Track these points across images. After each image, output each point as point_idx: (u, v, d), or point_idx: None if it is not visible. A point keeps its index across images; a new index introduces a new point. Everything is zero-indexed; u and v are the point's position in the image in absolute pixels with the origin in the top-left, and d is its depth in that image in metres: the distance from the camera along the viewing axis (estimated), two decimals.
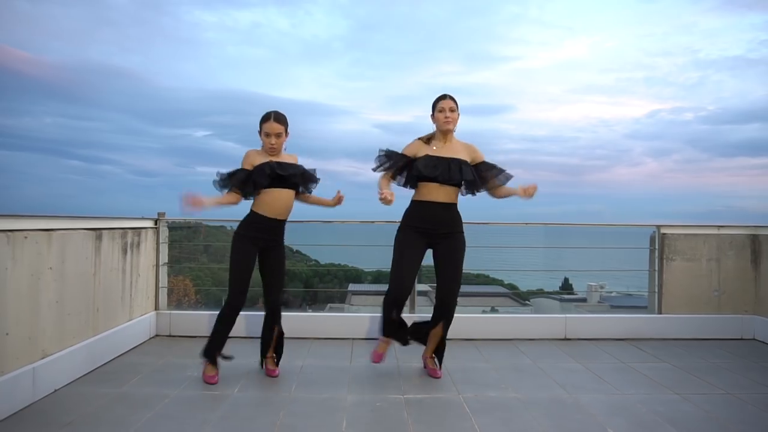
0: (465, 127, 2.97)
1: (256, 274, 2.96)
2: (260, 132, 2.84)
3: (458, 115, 2.91)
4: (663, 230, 4.18)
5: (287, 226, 2.99)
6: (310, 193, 3.03)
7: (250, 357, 3.34)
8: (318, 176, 3.00)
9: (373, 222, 4.22)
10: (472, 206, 3.19)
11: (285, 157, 2.91)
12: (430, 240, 2.92)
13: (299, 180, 2.90)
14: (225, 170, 2.83)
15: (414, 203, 2.96)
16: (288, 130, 2.89)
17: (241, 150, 2.91)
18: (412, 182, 2.95)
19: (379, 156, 2.92)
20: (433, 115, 2.94)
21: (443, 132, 2.92)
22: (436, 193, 2.86)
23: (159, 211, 4.01)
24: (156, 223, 3.99)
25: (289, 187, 2.86)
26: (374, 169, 2.92)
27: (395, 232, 2.98)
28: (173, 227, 4.24)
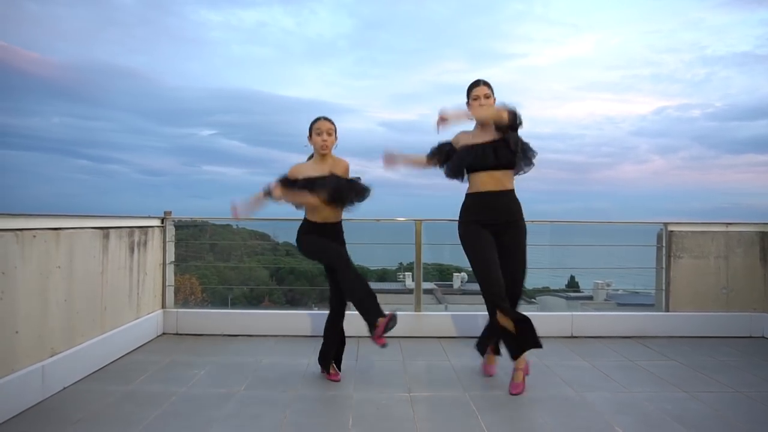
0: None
1: (261, 272, 2.95)
2: (310, 135, 2.77)
3: (494, 100, 2.79)
4: (671, 227, 4.15)
5: (289, 226, 2.96)
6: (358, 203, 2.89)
7: (253, 355, 3.36)
8: (365, 184, 2.85)
9: (378, 220, 4.22)
10: None
11: (337, 163, 2.85)
12: (493, 230, 2.77)
13: (353, 199, 2.81)
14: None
15: (466, 196, 2.85)
16: (337, 135, 2.80)
17: (245, 148, 2.92)
18: (456, 174, 2.85)
19: (432, 149, 2.88)
20: (468, 104, 2.84)
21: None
22: (484, 182, 2.75)
23: (165, 210, 4.03)
24: (163, 222, 4.01)
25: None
26: (428, 158, 2.89)
27: (458, 229, 2.84)
28: (180, 226, 4.26)
